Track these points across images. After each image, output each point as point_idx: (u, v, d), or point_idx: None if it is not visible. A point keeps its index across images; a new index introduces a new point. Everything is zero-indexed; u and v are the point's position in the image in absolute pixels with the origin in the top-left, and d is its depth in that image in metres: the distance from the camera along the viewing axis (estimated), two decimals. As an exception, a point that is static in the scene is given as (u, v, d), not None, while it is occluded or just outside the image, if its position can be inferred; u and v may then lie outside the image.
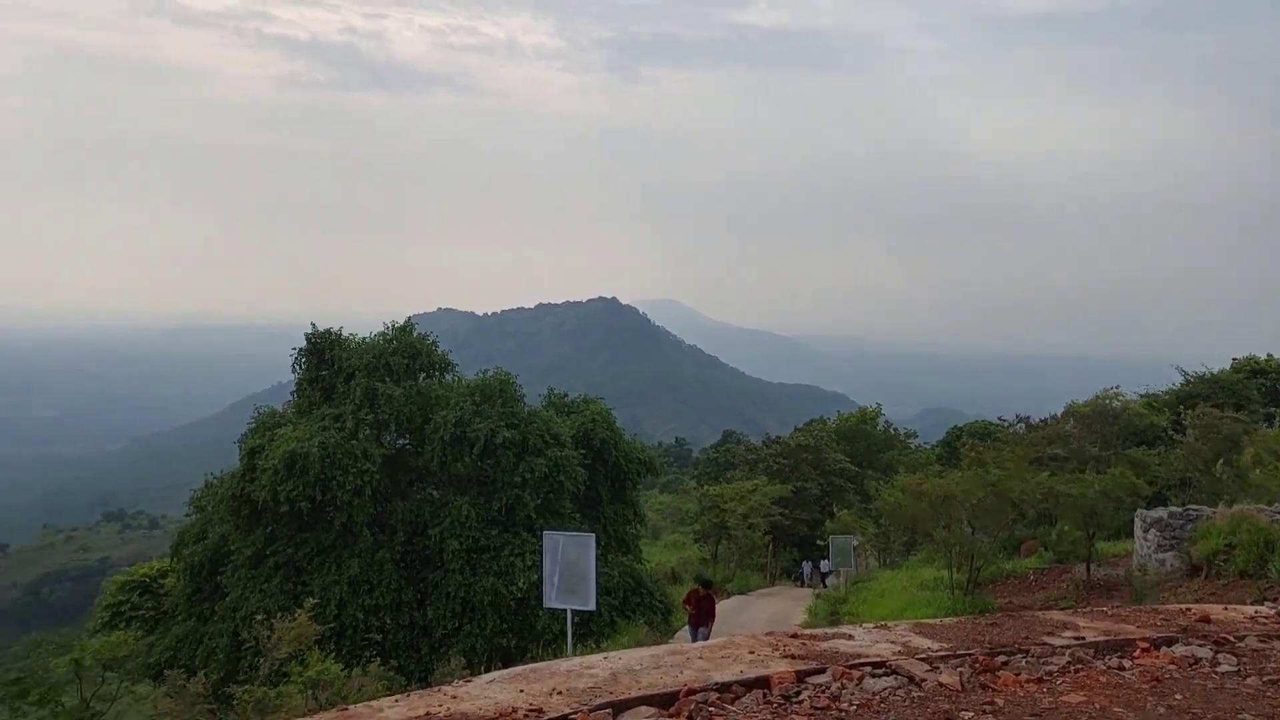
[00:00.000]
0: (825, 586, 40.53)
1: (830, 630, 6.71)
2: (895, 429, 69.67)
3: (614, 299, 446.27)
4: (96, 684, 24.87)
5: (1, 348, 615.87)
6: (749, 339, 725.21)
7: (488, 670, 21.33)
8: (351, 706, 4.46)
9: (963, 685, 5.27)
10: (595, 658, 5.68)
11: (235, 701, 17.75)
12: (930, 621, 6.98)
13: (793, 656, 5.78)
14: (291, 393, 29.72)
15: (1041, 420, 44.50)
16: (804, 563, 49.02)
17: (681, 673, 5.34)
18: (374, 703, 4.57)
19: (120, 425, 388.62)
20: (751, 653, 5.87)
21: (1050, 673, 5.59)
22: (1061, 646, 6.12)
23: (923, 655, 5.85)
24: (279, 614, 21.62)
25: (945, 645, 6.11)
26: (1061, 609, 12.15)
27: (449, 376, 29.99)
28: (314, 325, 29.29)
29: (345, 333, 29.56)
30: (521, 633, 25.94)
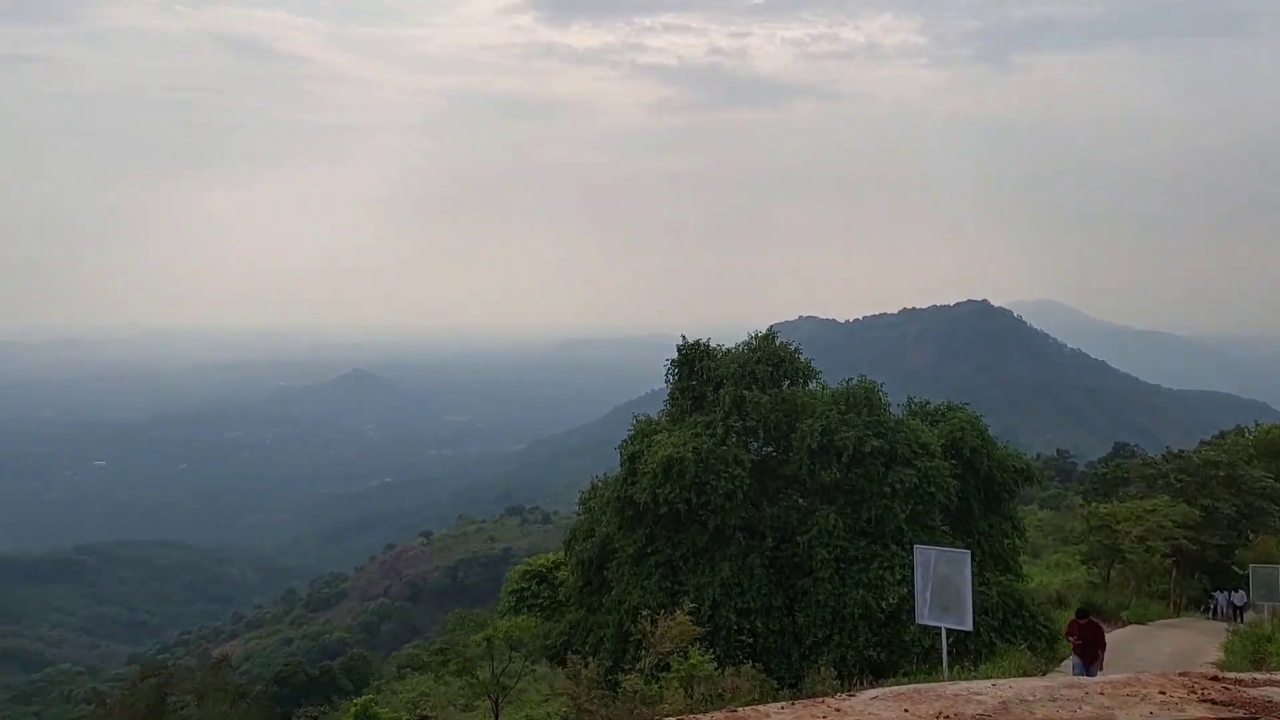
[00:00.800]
0: (1240, 621, 35.63)
1: (1261, 676, 5.87)
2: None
3: (985, 302, 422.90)
4: (504, 660, 27.78)
5: (422, 362, 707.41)
6: (1141, 340, 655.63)
7: (859, 682, 21.07)
8: (741, 709, 4.60)
9: None
10: (983, 684, 5.41)
11: (621, 689, 18.99)
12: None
13: (1213, 702, 5.12)
14: (666, 401, 31.24)
15: None
16: (1216, 592, 43.37)
17: (1080, 708, 4.93)
18: (761, 707, 4.68)
19: (521, 428, 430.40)
20: (1162, 693, 5.28)
21: None
22: None
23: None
24: (659, 610, 22.86)
25: None
26: None
27: (813, 384, 30.02)
28: (684, 337, 30.60)
29: (713, 343, 30.58)
30: (891, 647, 25.33)
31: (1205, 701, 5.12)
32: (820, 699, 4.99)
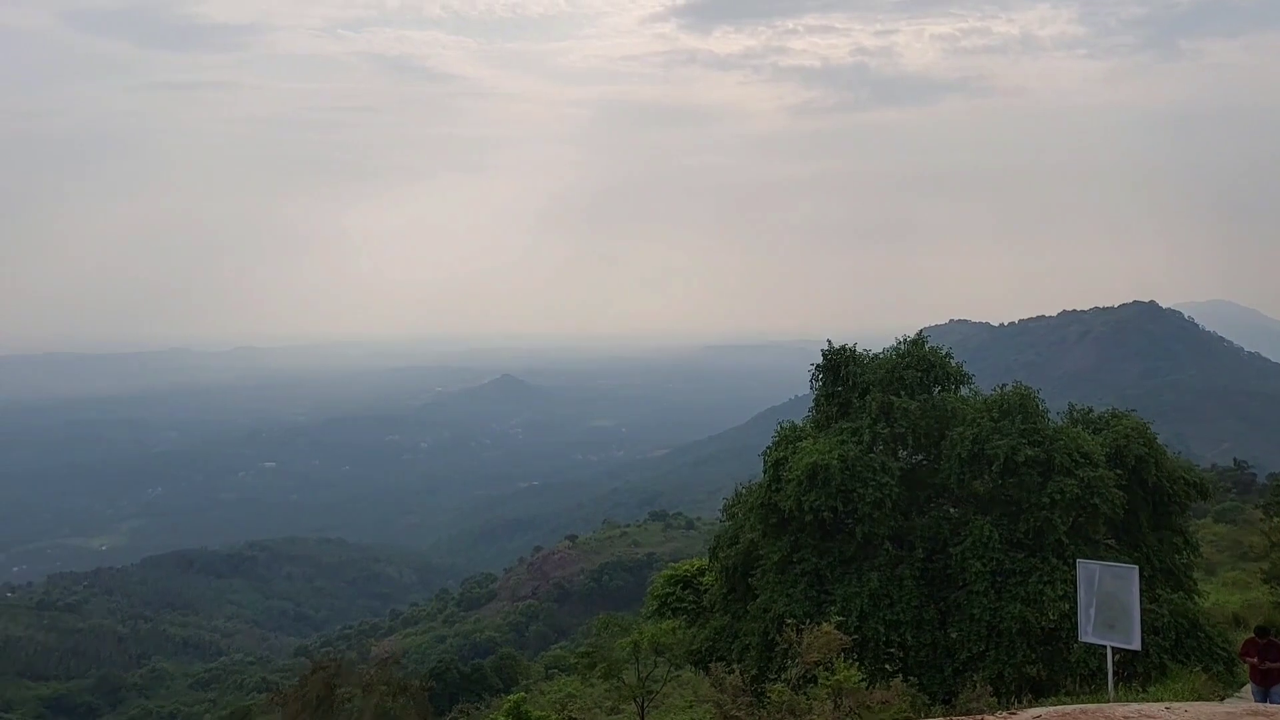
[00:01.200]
0: None
1: None
2: None
3: (1152, 303, 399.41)
4: (649, 665, 27.98)
5: (568, 368, 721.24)
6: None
7: (1018, 700, 20.24)
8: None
9: None
10: (1155, 706, 5.11)
11: (767, 698, 18.83)
12: None
13: None
14: (810, 407, 30.84)
15: None
16: None
17: (1268, 740, 4.58)
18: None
19: (664, 433, 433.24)
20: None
21: None
22: None
23: None
24: (805, 619, 22.56)
25: None
26: None
27: (964, 390, 29.03)
28: (829, 342, 30.15)
29: (859, 348, 30.01)
30: (1052, 664, 24.20)
31: None
32: (978, 716, 4.83)
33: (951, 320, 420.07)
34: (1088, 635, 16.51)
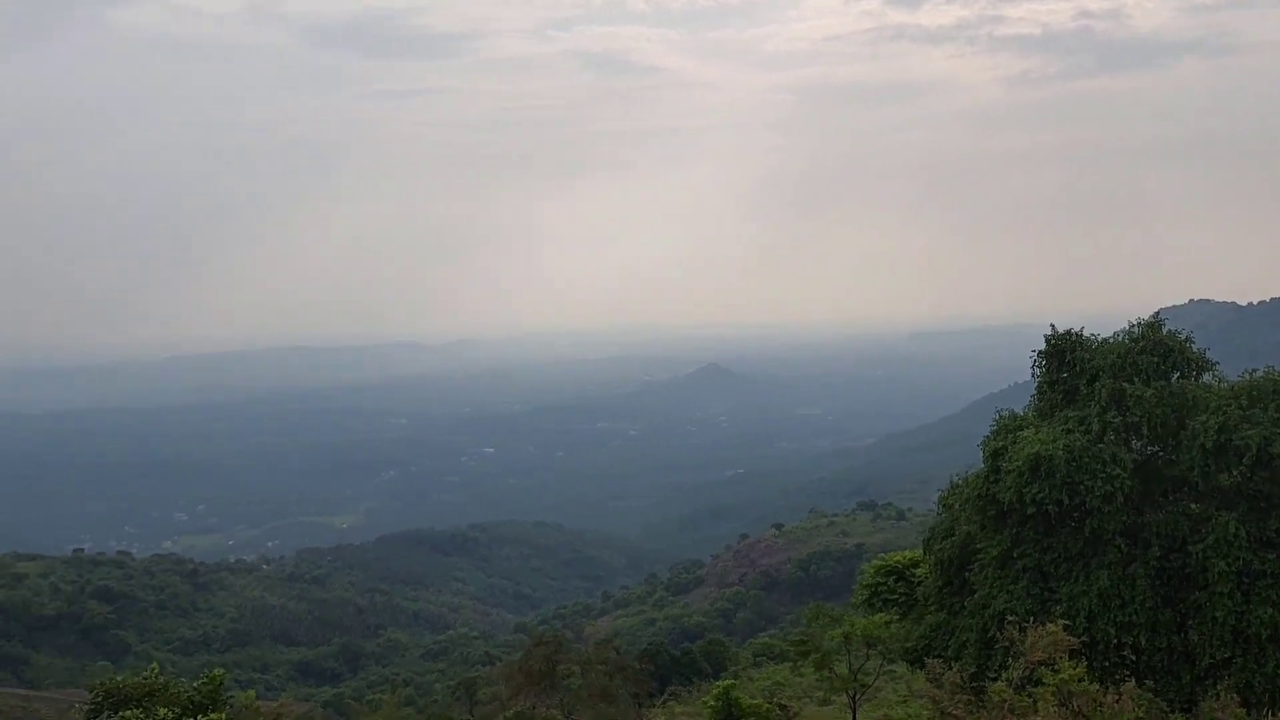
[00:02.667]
0: None
1: None
2: None
3: None
4: (860, 658, 27.62)
5: (772, 356, 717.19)
6: None
7: (1270, 713, 18.60)
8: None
9: None
10: None
11: (986, 697, 18.20)
12: None
13: None
14: (1032, 395, 29.40)
15: None
16: None
17: None
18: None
19: (871, 422, 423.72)
20: None
21: None
22: None
23: None
24: (1027, 618, 21.60)
25: None
26: None
27: (1207, 377, 26.82)
28: (1053, 326, 28.61)
29: (1085, 332, 28.31)
30: (1312, 677, 22.05)
31: None
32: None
33: (1191, 300, 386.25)
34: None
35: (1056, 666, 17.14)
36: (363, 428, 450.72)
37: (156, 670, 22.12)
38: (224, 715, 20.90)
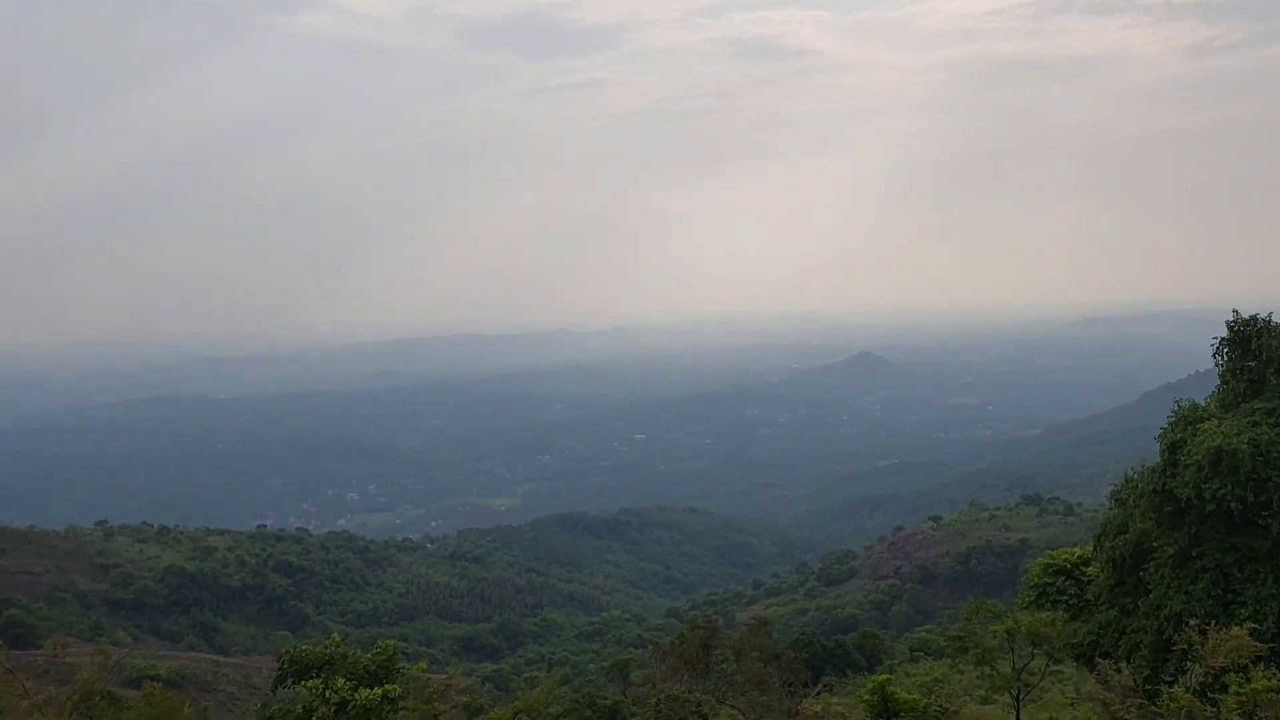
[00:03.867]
0: None
1: None
2: None
3: None
4: (1024, 656, 26.64)
5: (927, 344, 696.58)
6: None
7: None
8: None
9: None
10: None
11: (1162, 702, 17.30)
12: None
13: None
14: (1216, 385, 27.61)
15: None
16: None
17: None
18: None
19: (1034, 412, 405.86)
20: None
21: None
22: None
23: None
24: (1208, 621, 20.36)
25: None
26: None
27: None
28: (1236, 312, 26.79)
29: (1275, 318, 26.35)
30: None
31: None
32: None
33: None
34: None
35: (1248, 673, 16.11)
36: (521, 413, 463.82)
37: (338, 640, 23.53)
38: (398, 685, 22.05)
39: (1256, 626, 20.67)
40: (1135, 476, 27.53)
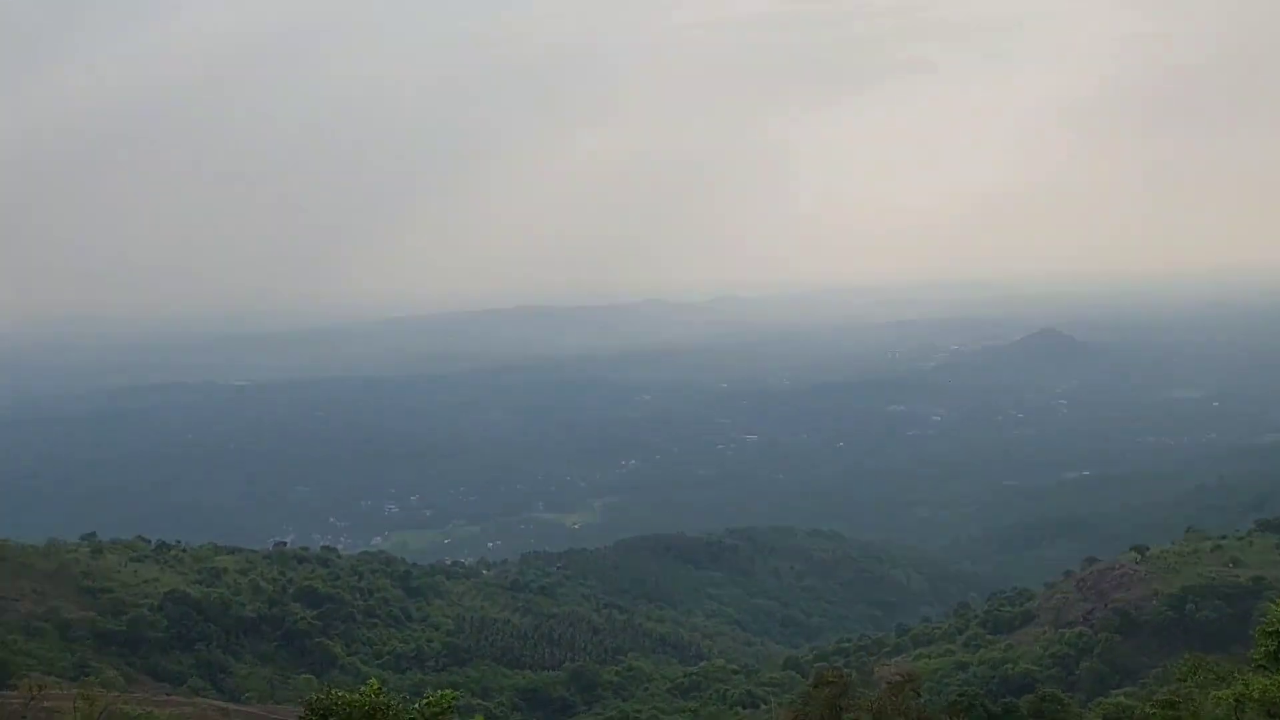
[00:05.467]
0: None
1: None
2: None
3: None
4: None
5: (1131, 320, 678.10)
6: None
7: None
8: None
9: None
10: None
11: None
12: None
13: None
14: None
15: None
16: None
17: None
18: None
19: (1278, 412, 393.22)
20: None
21: None
22: None
23: None
24: None
25: None
26: None
27: None
28: None
29: None
30: None
31: None
32: None
33: None
34: None
35: None
36: (600, 406, 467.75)
37: (376, 687, 24.19)
38: None
39: None
40: None
